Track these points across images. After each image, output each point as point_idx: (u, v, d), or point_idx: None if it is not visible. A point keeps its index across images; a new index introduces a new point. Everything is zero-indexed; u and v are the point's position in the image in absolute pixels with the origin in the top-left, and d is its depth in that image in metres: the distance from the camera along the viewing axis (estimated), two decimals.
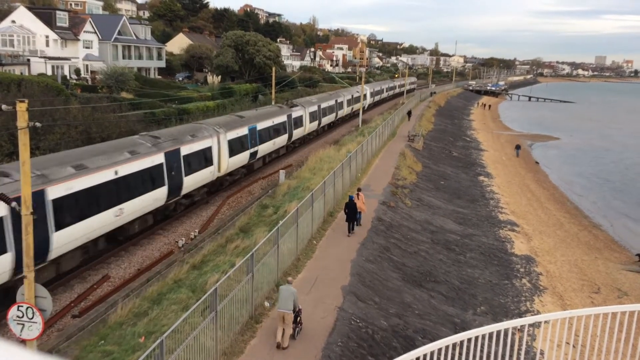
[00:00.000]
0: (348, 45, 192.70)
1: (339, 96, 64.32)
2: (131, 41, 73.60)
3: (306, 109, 49.10)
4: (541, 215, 36.56)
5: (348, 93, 69.36)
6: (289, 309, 13.23)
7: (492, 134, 79.14)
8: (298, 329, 13.78)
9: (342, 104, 64.86)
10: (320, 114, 53.78)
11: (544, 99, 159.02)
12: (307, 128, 49.62)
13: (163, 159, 24.93)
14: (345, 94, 67.71)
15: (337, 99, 62.29)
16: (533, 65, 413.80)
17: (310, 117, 50.01)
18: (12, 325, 11.38)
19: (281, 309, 13.27)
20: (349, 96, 68.55)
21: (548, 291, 23.10)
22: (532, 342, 9.96)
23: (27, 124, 11.55)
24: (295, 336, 13.58)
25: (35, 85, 38.36)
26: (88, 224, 20.01)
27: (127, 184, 22.32)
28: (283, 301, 13.32)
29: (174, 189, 25.84)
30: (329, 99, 59.41)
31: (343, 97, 65.53)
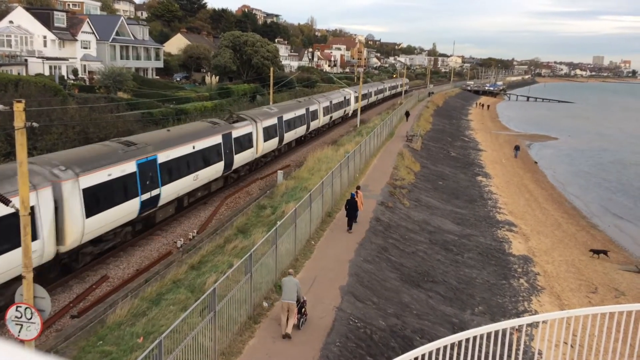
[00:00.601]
0: (346, 46, 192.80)
1: (313, 103, 52.57)
2: (129, 41, 73.55)
3: (258, 124, 36.95)
4: (539, 216, 36.62)
5: (325, 99, 57.28)
6: (293, 300, 13.67)
7: (490, 134, 79.23)
8: (303, 319, 14.21)
9: (317, 112, 52.75)
10: (281, 127, 41.36)
11: (542, 99, 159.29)
12: (260, 149, 37.36)
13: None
14: (321, 100, 55.60)
15: (309, 106, 50.56)
16: (531, 66, 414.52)
17: (264, 134, 37.56)
18: (10, 325, 11.37)
19: (285, 300, 13.72)
20: (326, 102, 56.47)
21: (546, 291, 23.14)
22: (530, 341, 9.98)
23: (24, 124, 11.53)
24: (300, 326, 14.02)
25: (32, 86, 38.32)
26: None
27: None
28: (287, 292, 13.74)
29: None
30: (297, 107, 47.57)
31: (318, 103, 53.64)
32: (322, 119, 54.97)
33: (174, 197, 26.31)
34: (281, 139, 41.76)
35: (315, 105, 52.47)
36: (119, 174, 21.65)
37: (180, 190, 26.74)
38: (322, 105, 54.50)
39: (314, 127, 52.52)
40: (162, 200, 25.02)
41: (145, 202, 23.45)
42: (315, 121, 52.18)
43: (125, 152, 22.65)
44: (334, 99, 60.84)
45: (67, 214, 19.00)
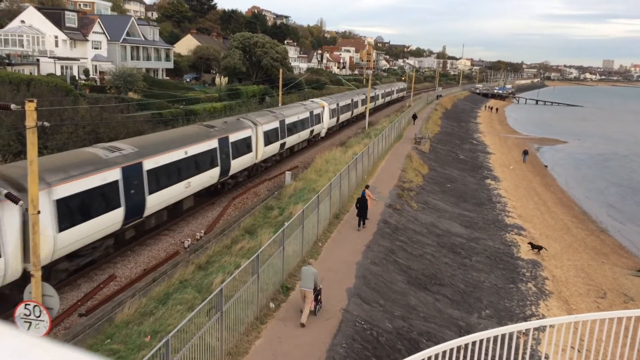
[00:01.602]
0: (355, 48, 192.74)
1: (268, 120, 37.32)
2: (139, 42, 73.96)
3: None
4: (548, 220, 36.43)
5: (293, 112, 43.41)
6: (310, 288, 14.53)
7: (499, 137, 78.94)
8: (319, 306, 15.11)
9: (269, 135, 36.86)
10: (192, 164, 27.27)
11: (552, 102, 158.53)
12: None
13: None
14: (285, 112, 41.94)
15: (255, 126, 35.03)
16: (540, 69, 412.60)
17: (150, 180, 23.78)
18: (19, 323, 11.47)
19: (303, 288, 14.60)
20: (293, 117, 42.51)
21: (554, 295, 23.02)
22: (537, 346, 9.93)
23: (36, 123, 11.65)
24: (316, 313, 14.92)
25: (44, 85, 38.63)
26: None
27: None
28: (305, 280, 14.61)
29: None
30: (240, 127, 33.07)
31: (265, 122, 36.80)
32: (289, 140, 41.58)
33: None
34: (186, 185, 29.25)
35: (268, 124, 37.13)
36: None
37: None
38: (269, 127, 37.30)
39: (277, 152, 39.72)
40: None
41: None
42: (269, 147, 37.14)
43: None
44: (300, 113, 45.04)
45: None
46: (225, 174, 30.59)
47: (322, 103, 53.32)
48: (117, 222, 21.17)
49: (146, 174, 22.88)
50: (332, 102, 56.94)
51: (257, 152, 35.27)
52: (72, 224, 18.44)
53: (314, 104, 51.29)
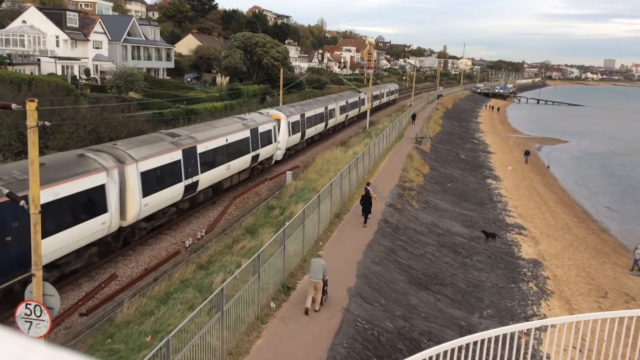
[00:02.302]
0: (356, 47, 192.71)
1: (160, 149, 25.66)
2: (140, 42, 73.97)
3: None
4: (549, 219, 36.40)
5: (238, 127, 33.22)
6: (320, 279, 15.10)
7: (500, 136, 78.89)
8: (325, 297, 15.64)
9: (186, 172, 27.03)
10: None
11: (553, 102, 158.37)
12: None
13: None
14: (227, 125, 32.63)
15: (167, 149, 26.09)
16: (542, 68, 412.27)
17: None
18: (20, 322, 11.46)
19: (313, 279, 15.17)
20: (237, 134, 32.40)
21: (555, 295, 23.00)
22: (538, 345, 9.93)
23: (37, 123, 11.63)
24: (322, 303, 15.44)
25: (45, 85, 38.64)
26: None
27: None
28: (314, 272, 15.18)
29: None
30: (163, 150, 25.10)
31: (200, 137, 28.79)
32: (223, 174, 31.12)
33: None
34: None
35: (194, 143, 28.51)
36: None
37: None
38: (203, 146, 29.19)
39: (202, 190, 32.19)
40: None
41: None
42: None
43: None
44: (254, 124, 35.50)
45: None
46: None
47: (275, 115, 39.88)
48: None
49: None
50: (294, 112, 43.63)
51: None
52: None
53: (261, 117, 37.56)
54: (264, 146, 36.33)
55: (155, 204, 23.84)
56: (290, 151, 43.69)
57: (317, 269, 15.20)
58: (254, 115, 37.89)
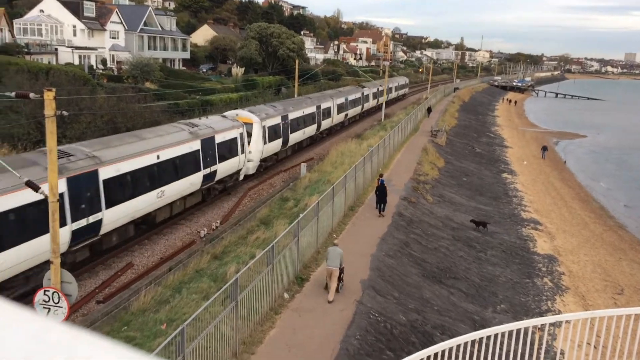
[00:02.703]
0: (372, 39, 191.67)
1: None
2: (157, 32, 74.26)
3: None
4: (565, 214, 36.07)
5: (180, 137, 25.68)
6: (336, 266, 15.48)
7: (517, 130, 78.16)
8: (341, 284, 15.95)
9: None
10: None
11: (572, 95, 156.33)
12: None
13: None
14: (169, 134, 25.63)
15: None
16: (561, 62, 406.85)
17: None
18: (38, 309, 11.65)
19: (330, 266, 15.57)
20: (177, 147, 24.89)
21: (570, 291, 22.83)
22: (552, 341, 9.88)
23: (54, 112, 11.76)
24: (339, 290, 15.76)
25: (62, 75, 38.97)
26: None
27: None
28: (331, 259, 15.56)
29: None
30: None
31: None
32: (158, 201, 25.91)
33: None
34: None
35: None
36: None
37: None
38: None
39: None
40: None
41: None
42: None
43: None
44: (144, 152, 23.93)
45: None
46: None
47: (245, 118, 32.73)
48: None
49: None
50: (273, 113, 36.26)
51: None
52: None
53: (222, 122, 29.68)
54: (225, 160, 28.56)
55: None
56: (268, 162, 35.98)
57: (334, 257, 15.59)
58: (213, 119, 29.89)
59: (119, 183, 20.77)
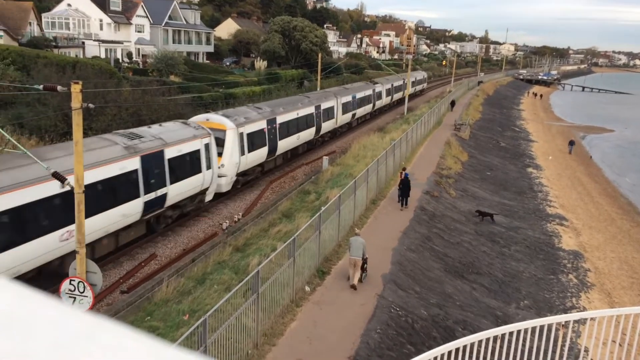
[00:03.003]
0: (395, 32, 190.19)
1: None
2: (181, 26, 74.78)
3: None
4: (592, 210, 35.46)
5: (108, 155, 19.38)
6: (359, 256, 15.72)
7: (542, 124, 76.97)
8: (364, 274, 16.23)
9: None
10: None
11: (599, 89, 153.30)
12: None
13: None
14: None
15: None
16: (587, 55, 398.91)
17: None
18: (64, 298, 11.88)
19: (353, 256, 15.81)
20: (102, 168, 18.67)
21: (596, 288, 22.46)
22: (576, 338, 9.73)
23: (81, 105, 11.93)
24: (362, 280, 16.05)
25: (89, 68, 39.52)
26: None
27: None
28: (354, 250, 15.77)
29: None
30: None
31: None
32: None
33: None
34: None
35: None
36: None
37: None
38: None
39: None
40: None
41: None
42: None
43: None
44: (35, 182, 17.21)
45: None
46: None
47: (215, 124, 27.47)
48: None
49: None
50: (255, 118, 30.73)
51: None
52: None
53: (179, 131, 24.23)
54: (182, 179, 23.24)
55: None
56: (250, 175, 30.76)
57: (357, 247, 15.76)
58: (168, 127, 24.28)
59: (180, 162, 23.07)
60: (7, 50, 38.13)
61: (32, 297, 0.60)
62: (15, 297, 0.59)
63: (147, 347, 0.57)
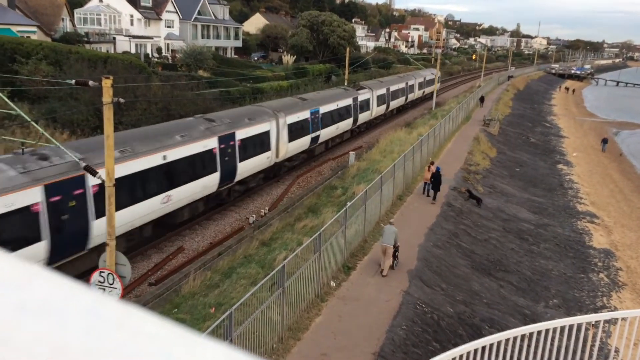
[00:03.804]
0: (424, 26, 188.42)
1: None
2: (210, 21, 75.35)
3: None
4: (624, 208, 34.63)
5: None
6: (391, 244, 16.12)
7: (574, 120, 75.39)
8: (396, 262, 16.67)
9: None
10: None
11: (634, 84, 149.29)
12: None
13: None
14: None
15: None
16: (623, 49, 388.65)
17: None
18: (94, 289, 12.13)
19: (384, 243, 16.23)
20: None
21: (628, 287, 21.97)
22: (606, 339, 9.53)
23: (112, 99, 12.13)
24: (393, 267, 16.52)
25: (119, 63, 40.12)
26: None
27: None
28: (386, 237, 16.21)
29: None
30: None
31: None
32: None
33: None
34: None
35: None
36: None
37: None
38: None
39: None
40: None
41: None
42: None
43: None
44: None
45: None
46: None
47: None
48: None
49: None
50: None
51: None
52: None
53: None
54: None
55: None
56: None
57: (389, 235, 16.18)
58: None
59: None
60: (40, 45, 38.95)
61: (65, 285, 0.63)
62: (48, 284, 0.61)
63: (177, 334, 0.60)
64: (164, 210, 20.68)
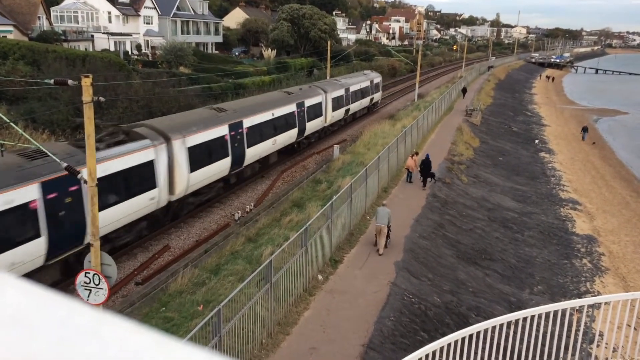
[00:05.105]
0: (405, 17, 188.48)
1: None
2: (189, 16, 74.72)
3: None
4: (606, 194, 35.14)
5: None
6: (385, 224, 17.25)
7: (555, 108, 76.18)
8: (389, 240, 17.85)
9: None
10: None
11: (613, 71, 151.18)
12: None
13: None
14: None
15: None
16: (601, 36, 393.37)
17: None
18: (80, 290, 12.03)
19: (379, 224, 17.38)
20: None
21: (610, 272, 22.32)
22: (590, 323, 9.69)
23: (92, 98, 11.99)
24: (387, 245, 17.68)
25: (98, 61, 39.67)
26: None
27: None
28: (380, 218, 17.33)
29: None
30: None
31: None
32: None
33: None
34: None
35: None
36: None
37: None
38: None
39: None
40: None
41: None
42: None
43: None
44: None
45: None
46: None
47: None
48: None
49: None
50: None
51: None
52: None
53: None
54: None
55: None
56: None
57: (383, 215, 17.27)
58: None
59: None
60: (17, 45, 38.33)
61: (36, 294, 0.62)
62: (19, 293, 0.61)
63: (151, 341, 0.59)
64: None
